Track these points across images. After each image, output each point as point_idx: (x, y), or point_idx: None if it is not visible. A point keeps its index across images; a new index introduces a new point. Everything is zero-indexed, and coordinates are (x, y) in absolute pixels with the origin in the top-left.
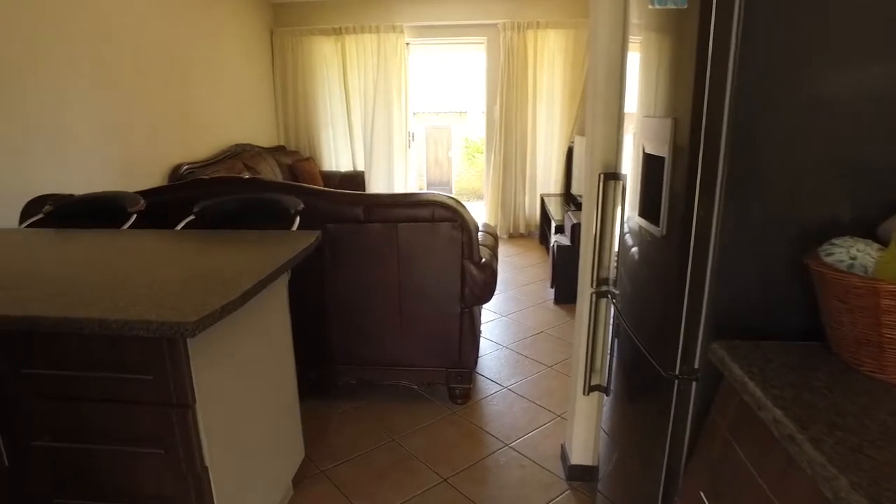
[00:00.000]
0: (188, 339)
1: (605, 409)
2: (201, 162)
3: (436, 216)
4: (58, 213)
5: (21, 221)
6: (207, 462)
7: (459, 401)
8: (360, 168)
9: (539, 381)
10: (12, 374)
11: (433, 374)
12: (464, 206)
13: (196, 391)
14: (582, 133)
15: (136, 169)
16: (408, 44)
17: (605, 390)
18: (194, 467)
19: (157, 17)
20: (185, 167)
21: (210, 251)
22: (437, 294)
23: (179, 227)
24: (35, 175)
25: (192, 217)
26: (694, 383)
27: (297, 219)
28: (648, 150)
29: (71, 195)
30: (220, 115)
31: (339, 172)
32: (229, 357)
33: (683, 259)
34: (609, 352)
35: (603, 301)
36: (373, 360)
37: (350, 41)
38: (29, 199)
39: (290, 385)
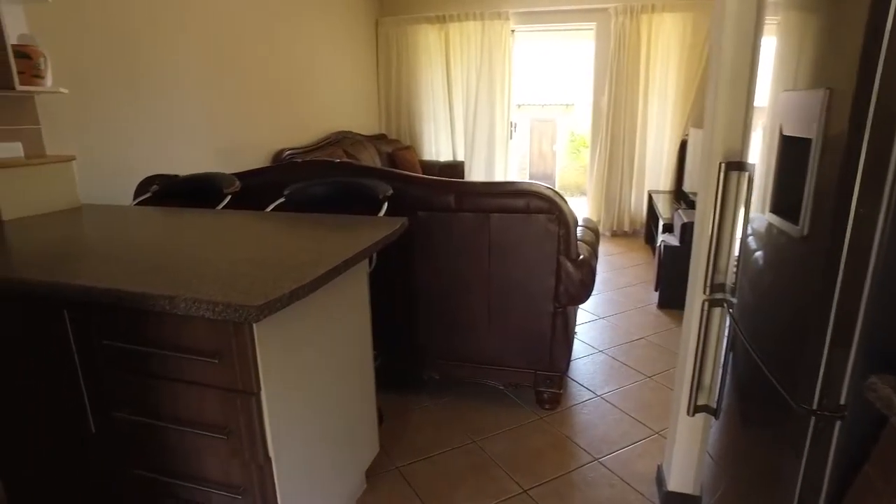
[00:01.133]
0: (254, 324)
1: (713, 433)
2: (303, 148)
3: (531, 207)
4: (163, 193)
5: (134, 199)
6: (271, 452)
7: (547, 406)
8: (461, 158)
9: (636, 392)
10: (96, 345)
11: (521, 375)
12: (562, 198)
13: (262, 378)
14: (698, 125)
15: (242, 153)
16: (513, 31)
17: (715, 412)
18: (257, 457)
19: (267, 5)
20: (288, 152)
21: (293, 234)
22: (529, 291)
23: (269, 209)
24: (152, 156)
25: (282, 200)
26: (838, 423)
27: (385, 205)
28: (788, 132)
29: (176, 176)
30: (323, 102)
31: (439, 162)
32: (301, 344)
33: (832, 266)
34: (721, 369)
35: (717, 310)
36: (458, 356)
37: (454, 29)
38: (143, 177)
39: (367, 377)
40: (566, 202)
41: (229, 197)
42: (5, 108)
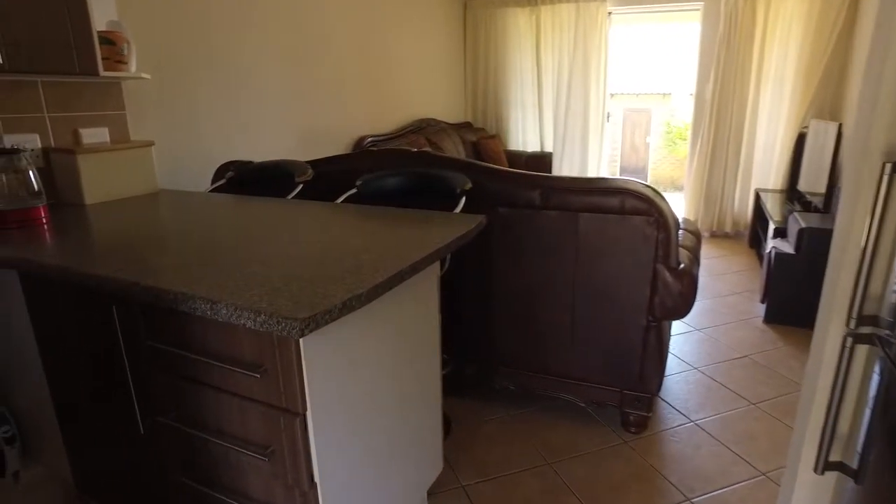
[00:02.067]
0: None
1: (848, 498)
2: (385, 135)
3: (626, 207)
4: (238, 179)
5: (211, 184)
6: (317, 477)
7: (633, 429)
8: (549, 149)
9: (738, 421)
10: (142, 344)
11: (605, 393)
12: (663, 198)
13: (309, 397)
14: (821, 116)
15: (323, 139)
16: (610, 13)
17: (854, 474)
18: (301, 482)
19: None
20: (369, 140)
21: (359, 229)
22: (619, 301)
23: (340, 200)
24: (232, 141)
25: (353, 190)
26: None
27: (463, 199)
28: None
29: (250, 162)
30: (407, 88)
31: (526, 152)
32: (356, 357)
33: None
34: (869, 421)
35: (864, 348)
36: (536, 367)
37: (546, 12)
38: (222, 162)
39: (433, 390)
40: (667, 203)
41: (301, 186)
42: (92, 94)
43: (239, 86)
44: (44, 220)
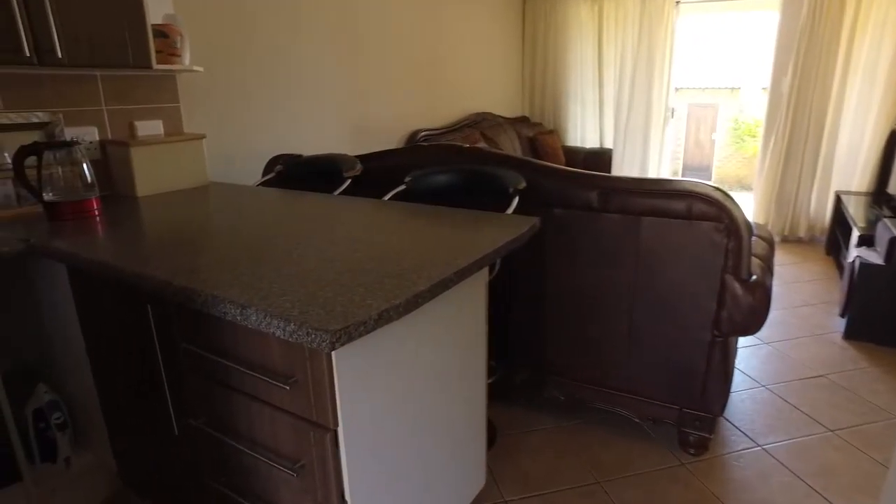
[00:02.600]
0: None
1: None
2: (439, 129)
3: (694, 212)
4: (286, 173)
5: (262, 177)
6: (348, 496)
7: (692, 451)
8: (608, 145)
9: (812, 449)
10: (176, 345)
11: (662, 409)
12: (735, 203)
13: (341, 412)
14: None
15: (376, 133)
16: (678, 2)
17: None
18: (330, 500)
19: None
20: (423, 134)
21: (404, 229)
22: (682, 312)
23: (387, 197)
24: (283, 134)
25: (402, 187)
26: None
27: (516, 199)
28: None
29: (300, 156)
30: (464, 82)
31: (584, 149)
32: (394, 368)
33: None
34: None
35: None
36: (589, 377)
37: (609, 4)
38: (272, 156)
39: (478, 401)
40: (739, 208)
41: (349, 181)
42: (148, 87)
43: (291, 79)
44: (96, 213)
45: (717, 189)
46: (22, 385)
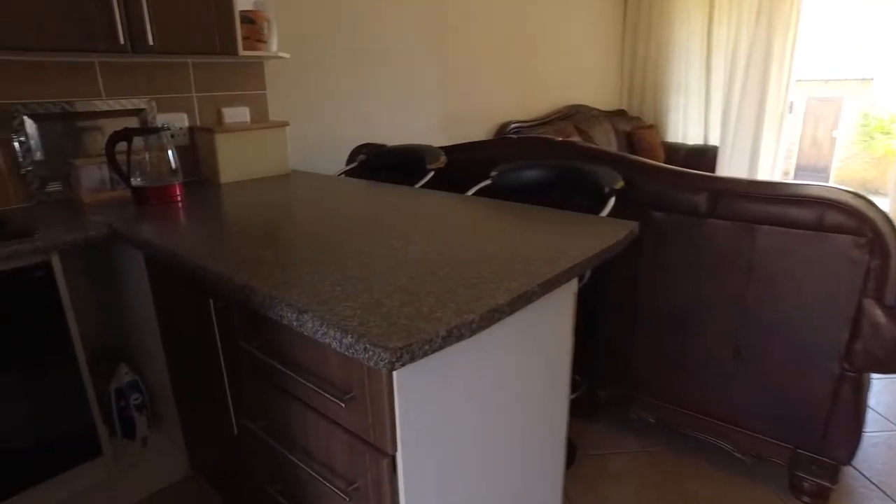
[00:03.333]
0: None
1: None
2: (530, 121)
3: (826, 223)
4: (370, 163)
5: (346, 166)
6: None
7: (806, 499)
8: (714, 142)
9: None
10: (237, 344)
11: (770, 447)
12: (881, 213)
13: (400, 437)
14: None
15: (465, 124)
16: None
17: None
18: None
19: None
20: (513, 126)
21: (487, 229)
22: (804, 339)
23: (471, 192)
24: (369, 123)
25: (487, 182)
26: None
27: (612, 200)
28: None
29: (383, 146)
30: (558, 72)
31: (686, 145)
32: (464, 388)
33: None
34: None
35: None
36: (683, 401)
37: None
38: (356, 145)
39: (558, 423)
40: (888, 219)
41: (431, 173)
42: (236, 74)
43: (379, 66)
44: (178, 199)
45: (858, 196)
46: (107, 363)
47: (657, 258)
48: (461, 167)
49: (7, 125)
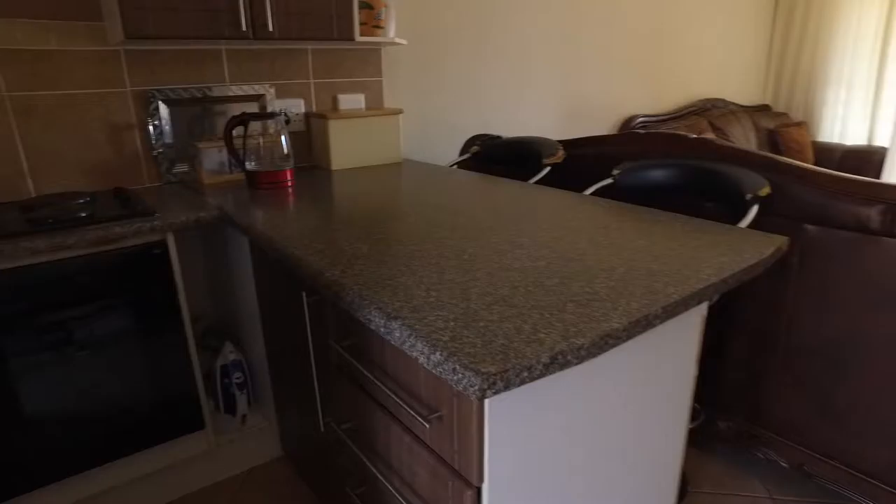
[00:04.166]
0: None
1: None
2: (659, 116)
3: None
4: (483, 155)
5: (459, 156)
6: None
7: None
8: (881, 143)
9: None
10: (327, 341)
11: None
12: None
13: (488, 470)
14: None
15: (586, 117)
16: None
17: None
18: None
19: None
20: (639, 120)
21: (605, 235)
22: None
23: (589, 191)
24: (484, 113)
25: (608, 180)
26: None
27: (755, 209)
28: None
29: (498, 137)
30: (693, 63)
31: (842, 146)
32: (566, 419)
33: None
34: None
35: None
36: (829, 450)
37: None
38: (470, 135)
39: (671, 456)
40: None
41: (548, 168)
42: (353, 60)
43: (497, 55)
44: (288, 184)
45: None
46: (216, 340)
47: (808, 280)
48: (580, 163)
49: (144, 110)
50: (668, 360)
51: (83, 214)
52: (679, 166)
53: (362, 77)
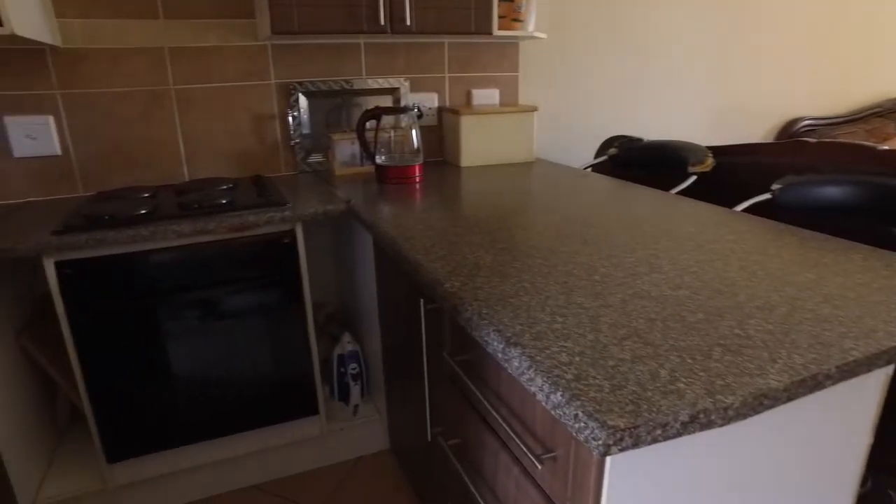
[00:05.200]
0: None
1: None
2: (829, 119)
3: None
4: (621, 158)
5: (594, 158)
6: None
7: None
8: None
9: None
10: (442, 354)
11: None
12: None
13: None
14: None
15: (735, 120)
16: None
17: None
18: None
19: None
20: (805, 124)
21: (765, 265)
22: None
23: (742, 206)
24: (626, 113)
25: (766, 196)
26: None
27: None
28: None
29: (638, 140)
30: (875, 52)
31: None
32: (700, 487)
33: None
34: None
35: None
36: None
37: None
38: (608, 136)
39: None
40: None
41: (693, 178)
42: (489, 55)
43: (642, 50)
44: (416, 179)
45: None
46: (336, 329)
47: None
48: (731, 173)
49: (285, 101)
50: (835, 426)
51: (224, 201)
52: (861, 184)
53: (498, 72)
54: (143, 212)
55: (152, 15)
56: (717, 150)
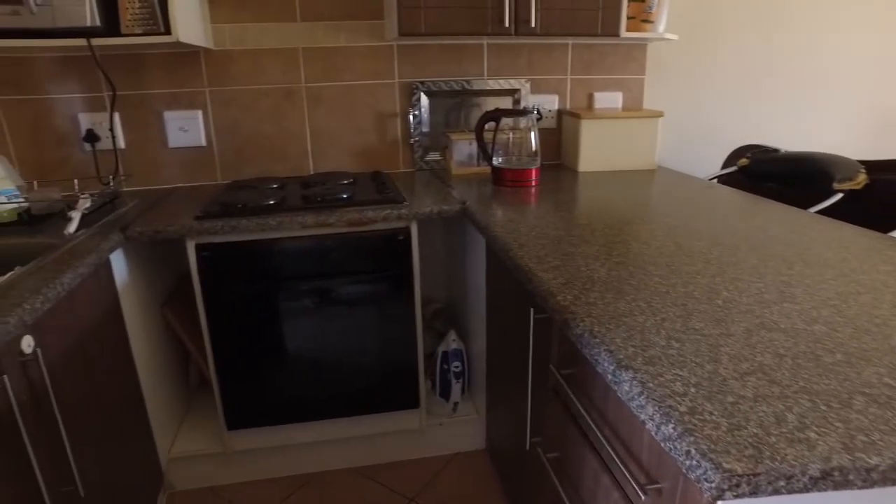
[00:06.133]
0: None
1: None
2: None
3: None
4: (752, 170)
5: (721, 169)
6: None
7: None
8: None
9: None
10: (549, 366)
11: None
12: None
13: None
14: None
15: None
16: None
17: None
18: None
19: None
20: None
21: None
22: None
23: None
24: (759, 121)
25: None
26: None
27: None
28: None
29: (774, 150)
30: None
31: None
32: None
33: None
34: None
35: None
36: None
37: None
38: (737, 145)
39: None
40: None
41: (839, 195)
42: (614, 57)
43: (779, 53)
44: (532, 183)
45: None
46: (443, 325)
47: None
48: (891, 193)
49: (407, 100)
50: None
51: (345, 195)
52: None
53: (623, 74)
54: (272, 202)
55: (290, 18)
56: (872, 166)
